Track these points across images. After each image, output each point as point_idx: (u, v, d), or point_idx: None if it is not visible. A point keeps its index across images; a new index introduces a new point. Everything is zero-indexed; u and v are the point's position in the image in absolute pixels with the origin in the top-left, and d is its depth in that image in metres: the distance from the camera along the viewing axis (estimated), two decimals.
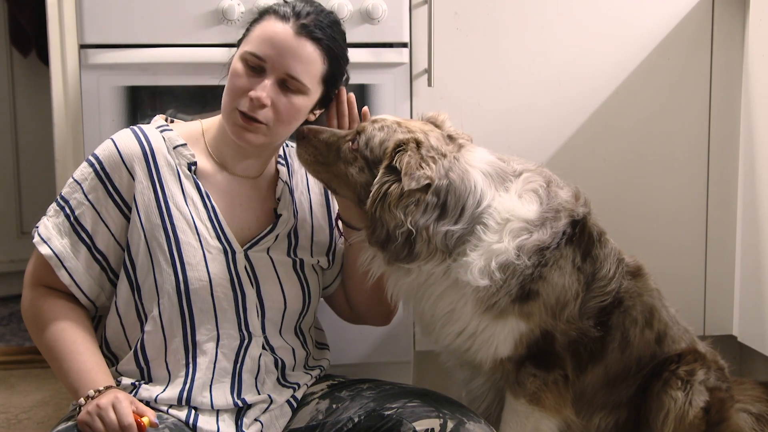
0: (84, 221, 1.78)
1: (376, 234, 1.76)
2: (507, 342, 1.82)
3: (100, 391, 1.67)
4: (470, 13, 2.39)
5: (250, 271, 1.82)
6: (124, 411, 1.61)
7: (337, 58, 1.82)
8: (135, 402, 1.67)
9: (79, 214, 1.78)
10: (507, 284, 1.76)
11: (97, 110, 2.23)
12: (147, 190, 1.78)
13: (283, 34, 1.75)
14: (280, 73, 1.75)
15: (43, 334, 1.78)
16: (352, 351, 2.34)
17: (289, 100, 1.77)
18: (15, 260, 3.91)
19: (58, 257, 1.77)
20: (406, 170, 1.71)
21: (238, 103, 1.76)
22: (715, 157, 2.51)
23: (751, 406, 2.05)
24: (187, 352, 1.77)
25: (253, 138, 1.78)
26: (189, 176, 1.82)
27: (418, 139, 1.76)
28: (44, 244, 1.78)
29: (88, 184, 1.78)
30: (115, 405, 1.62)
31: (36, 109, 3.87)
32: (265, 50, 1.75)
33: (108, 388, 1.68)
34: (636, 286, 1.94)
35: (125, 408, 1.62)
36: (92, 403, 1.65)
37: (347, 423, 1.74)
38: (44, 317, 1.79)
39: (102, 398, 1.65)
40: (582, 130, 2.46)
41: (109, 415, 1.61)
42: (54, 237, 1.78)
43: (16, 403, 2.62)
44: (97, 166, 1.79)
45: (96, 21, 2.20)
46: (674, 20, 2.46)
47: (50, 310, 1.79)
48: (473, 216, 1.75)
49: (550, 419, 1.87)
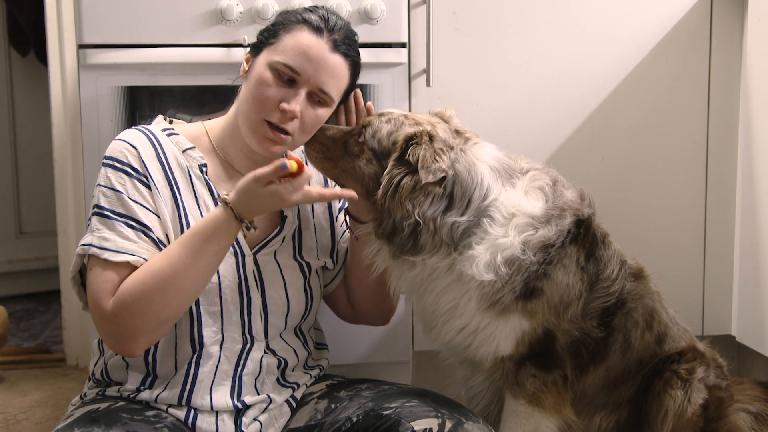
0: (143, 220, 1.72)
1: (383, 226, 1.77)
2: (509, 340, 1.83)
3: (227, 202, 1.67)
4: (469, 13, 2.40)
5: (257, 276, 1.82)
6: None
7: (358, 71, 1.85)
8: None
9: (135, 217, 1.72)
10: (512, 281, 1.76)
11: (96, 110, 2.22)
12: (165, 189, 1.77)
13: (318, 49, 1.76)
14: (312, 86, 1.76)
15: (154, 287, 1.65)
16: (351, 351, 2.34)
17: (315, 112, 1.79)
18: (13, 260, 3.92)
19: (141, 257, 1.69)
20: (423, 164, 1.72)
21: (267, 114, 1.75)
22: (714, 156, 2.51)
23: (750, 406, 2.06)
24: (194, 352, 1.77)
25: (279, 149, 1.80)
26: (201, 177, 1.81)
27: (429, 132, 1.77)
28: (121, 254, 1.68)
29: (129, 186, 1.73)
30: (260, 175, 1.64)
31: (34, 109, 3.88)
32: (301, 64, 1.75)
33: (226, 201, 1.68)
34: (638, 288, 1.94)
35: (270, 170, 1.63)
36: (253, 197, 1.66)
37: (345, 423, 1.74)
38: (133, 279, 1.68)
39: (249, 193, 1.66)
40: (581, 130, 2.47)
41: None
42: (126, 244, 1.69)
43: (15, 404, 2.62)
44: (127, 168, 1.74)
45: (94, 21, 2.20)
46: (673, 20, 2.46)
47: (133, 276, 1.68)
48: (479, 209, 1.76)
49: (549, 419, 1.87)
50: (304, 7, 1.84)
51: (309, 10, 1.81)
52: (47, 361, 3.05)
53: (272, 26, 1.82)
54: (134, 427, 1.64)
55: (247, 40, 2.20)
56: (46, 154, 3.16)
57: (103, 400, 1.77)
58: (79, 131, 2.35)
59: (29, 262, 3.94)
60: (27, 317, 3.61)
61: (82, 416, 1.68)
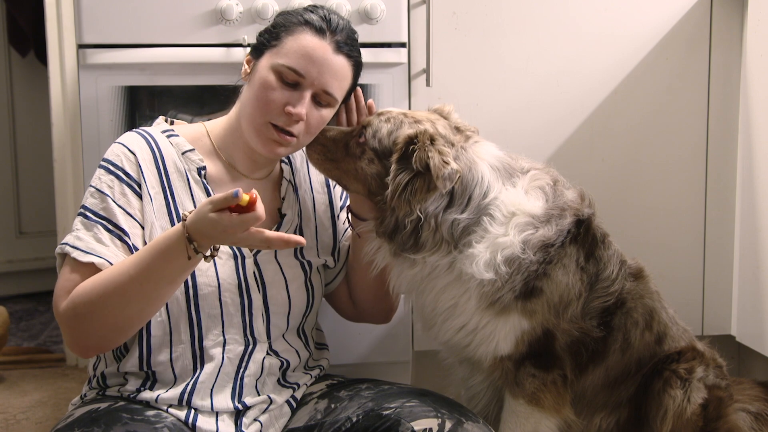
0: (122, 225, 1.73)
1: (385, 224, 1.77)
2: (508, 339, 1.83)
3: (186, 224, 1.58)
4: (468, 13, 2.40)
5: (258, 277, 1.82)
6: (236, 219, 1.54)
7: (360, 70, 1.86)
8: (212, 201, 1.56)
9: (114, 221, 1.72)
10: (511, 280, 1.77)
11: (96, 110, 2.22)
12: (158, 195, 1.77)
13: (322, 51, 1.76)
14: (316, 88, 1.76)
15: (100, 292, 1.64)
16: (351, 351, 2.34)
17: (320, 113, 1.79)
18: (13, 260, 3.92)
19: (107, 260, 1.70)
20: (436, 172, 1.71)
21: (272, 117, 1.76)
22: (714, 156, 2.51)
23: (750, 405, 2.06)
24: (195, 357, 1.77)
25: (283, 151, 1.80)
26: (199, 181, 1.81)
27: (429, 132, 1.76)
28: (89, 254, 1.69)
29: (116, 191, 1.74)
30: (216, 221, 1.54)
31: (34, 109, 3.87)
32: (305, 67, 1.75)
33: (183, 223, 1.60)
34: (637, 288, 1.94)
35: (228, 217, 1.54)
36: (204, 234, 1.57)
37: (345, 422, 1.74)
38: (86, 285, 1.67)
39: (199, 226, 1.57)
40: (580, 130, 2.47)
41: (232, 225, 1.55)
42: (97, 246, 1.70)
43: (15, 403, 2.62)
44: (119, 172, 1.75)
45: (94, 21, 2.19)
46: (672, 20, 2.46)
47: (89, 280, 1.68)
48: (479, 207, 1.76)
49: (549, 419, 1.87)
50: (304, 7, 1.83)
51: (309, 10, 1.81)
52: (47, 361, 3.05)
53: (273, 28, 1.81)
54: (134, 427, 1.63)
55: (247, 40, 2.20)
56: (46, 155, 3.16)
57: (103, 400, 1.77)
58: (78, 131, 2.35)
59: (29, 262, 3.93)
60: (27, 317, 3.61)
61: (82, 416, 1.68)
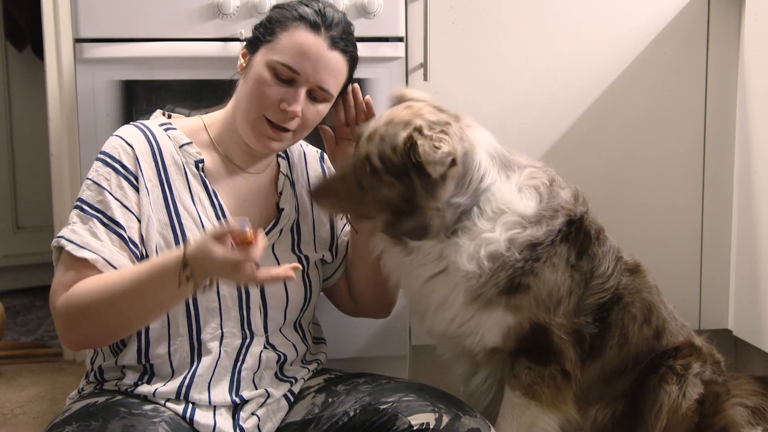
0: (118, 218, 1.72)
1: (400, 225, 1.76)
2: (493, 333, 1.83)
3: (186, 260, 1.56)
4: (466, 7, 2.39)
5: None
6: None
7: (356, 65, 1.86)
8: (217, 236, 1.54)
9: (110, 214, 1.72)
10: (496, 276, 1.76)
11: (93, 105, 2.22)
12: (156, 188, 1.77)
13: (316, 48, 1.75)
14: (311, 84, 1.77)
15: (93, 298, 1.64)
16: (349, 345, 2.34)
17: (315, 109, 1.80)
18: (10, 255, 3.91)
19: (101, 256, 1.69)
20: (426, 159, 1.65)
21: (267, 112, 1.76)
22: (711, 152, 2.51)
23: (747, 400, 2.06)
24: (192, 350, 1.77)
25: (278, 146, 1.80)
26: (196, 174, 1.81)
27: (415, 124, 1.70)
28: (82, 249, 1.68)
29: (114, 183, 1.73)
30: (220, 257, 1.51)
31: (31, 103, 3.87)
32: (300, 63, 1.74)
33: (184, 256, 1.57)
34: (634, 283, 1.94)
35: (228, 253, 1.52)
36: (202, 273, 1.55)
37: (342, 417, 1.74)
38: (82, 286, 1.67)
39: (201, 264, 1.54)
40: (577, 126, 2.47)
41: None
42: (91, 241, 1.70)
43: (12, 398, 2.62)
44: (116, 165, 1.74)
45: (91, 15, 2.19)
46: (669, 15, 2.46)
47: (87, 281, 1.67)
48: (476, 191, 1.75)
49: (547, 415, 1.87)
50: (299, 0, 1.83)
51: (305, 4, 1.80)
52: (44, 355, 3.05)
53: (268, 22, 1.81)
54: (132, 421, 1.63)
55: (244, 34, 2.20)
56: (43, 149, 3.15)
57: (100, 394, 1.76)
58: (75, 126, 2.35)
59: (26, 257, 3.93)
60: (24, 312, 3.61)
61: (79, 410, 1.68)
